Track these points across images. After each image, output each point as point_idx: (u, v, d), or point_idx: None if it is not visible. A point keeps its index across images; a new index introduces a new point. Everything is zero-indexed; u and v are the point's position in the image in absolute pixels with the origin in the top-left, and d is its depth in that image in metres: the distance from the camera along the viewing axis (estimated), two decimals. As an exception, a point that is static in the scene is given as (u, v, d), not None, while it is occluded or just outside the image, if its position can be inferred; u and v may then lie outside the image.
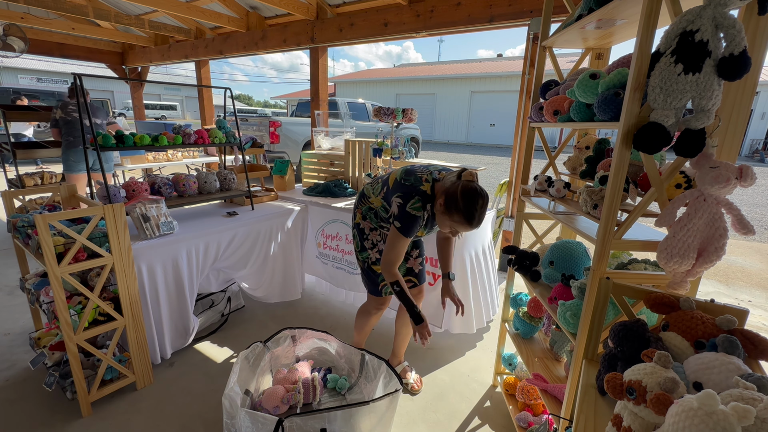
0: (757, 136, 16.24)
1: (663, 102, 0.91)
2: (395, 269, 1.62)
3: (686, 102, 0.90)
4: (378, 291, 1.87)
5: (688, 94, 0.88)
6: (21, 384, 1.96)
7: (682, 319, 0.89)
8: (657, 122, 0.91)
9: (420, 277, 1.97)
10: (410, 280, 1.94)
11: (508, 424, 1.83)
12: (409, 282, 1.94)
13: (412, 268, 1.94)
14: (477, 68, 20.49)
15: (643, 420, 0.71)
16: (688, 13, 0.86)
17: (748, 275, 3.85)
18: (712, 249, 0.99)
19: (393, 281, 1.62)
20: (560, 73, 1.72)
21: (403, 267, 1.92)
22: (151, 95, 29.78)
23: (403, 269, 1.92)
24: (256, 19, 5.16)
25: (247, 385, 1.73)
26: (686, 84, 0.87)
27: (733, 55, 0.82)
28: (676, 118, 0.92)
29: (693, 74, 0.86)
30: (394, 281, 1.62)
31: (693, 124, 0.90)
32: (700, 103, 0.88)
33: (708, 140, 0.96)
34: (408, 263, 1.93)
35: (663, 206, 1.05)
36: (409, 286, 1.93)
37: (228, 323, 2.61)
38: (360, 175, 3.20)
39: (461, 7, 3.47)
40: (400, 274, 1.68)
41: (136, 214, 2.02)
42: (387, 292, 1.88)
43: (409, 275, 1.94)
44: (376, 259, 1.84)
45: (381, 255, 1.80)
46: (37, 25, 5.68)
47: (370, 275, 1.87)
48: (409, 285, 1.93)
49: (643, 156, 1.03)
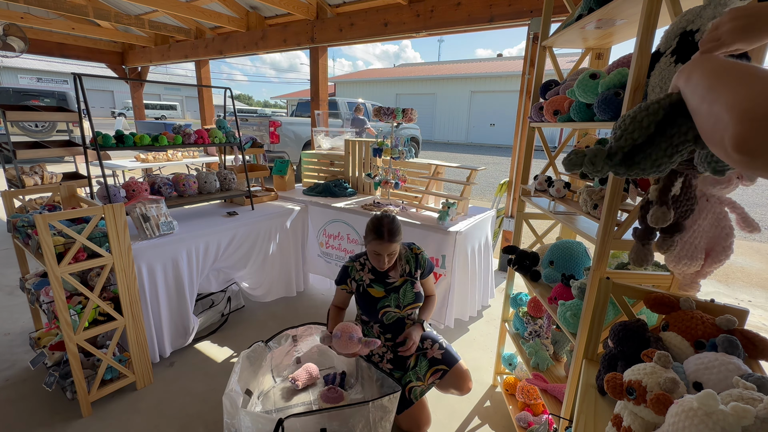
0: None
1: None
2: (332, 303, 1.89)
3: None
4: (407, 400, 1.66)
5: None
6: (21, 384, 1.96)
7: (682, 319, 0.89)
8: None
9: (448, 361, 1.74)
10: (439, 369, 1.73)
11: (508, 424, 1.83)
12: (440, 371, 1.72)
13: (435, 357, 1.75)
14: (477, 68, 20.48)
15: (643, 420, 0.71)
16: (688, 13, 0.86)
17: (748, 275, 3.85)
18: (719, 248, 0.99)
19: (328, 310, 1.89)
20: (560, 73, 1.72)
21: (425, 363, 1.75)
22: (151, 95, 29.79)
23: (425, 365, 1.74)
24: (256, 19, 5.16)
25: (248, 384, 1.73)
26: None
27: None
28: None
29: None
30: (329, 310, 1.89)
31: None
32: None
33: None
34: (428, 356, 1.76)
35: (663, 206, 1.05)
36: (440, 375, 1.72)
37: (228, 323, 2.61)
38: (360, 175, 3.20)
39: (461, 7, 3.47)
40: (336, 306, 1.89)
41: (136, 214, 2.02)
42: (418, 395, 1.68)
43: (434, 365, 1.74)
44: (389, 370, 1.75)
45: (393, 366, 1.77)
46: (37, 25, 5.69)
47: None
48: (440, 374, 1.72)
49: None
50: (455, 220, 2.48)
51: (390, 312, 1.77)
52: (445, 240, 2.32)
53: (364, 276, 1.79)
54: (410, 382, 1.70)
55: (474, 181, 2.63)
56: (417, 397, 1.67)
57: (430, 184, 2.90)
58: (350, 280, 1.81)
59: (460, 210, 2.62)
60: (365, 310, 1.80)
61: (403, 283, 1.79)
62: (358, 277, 1.79)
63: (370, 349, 1.61)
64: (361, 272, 1.80)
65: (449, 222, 2.41)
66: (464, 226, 2.41)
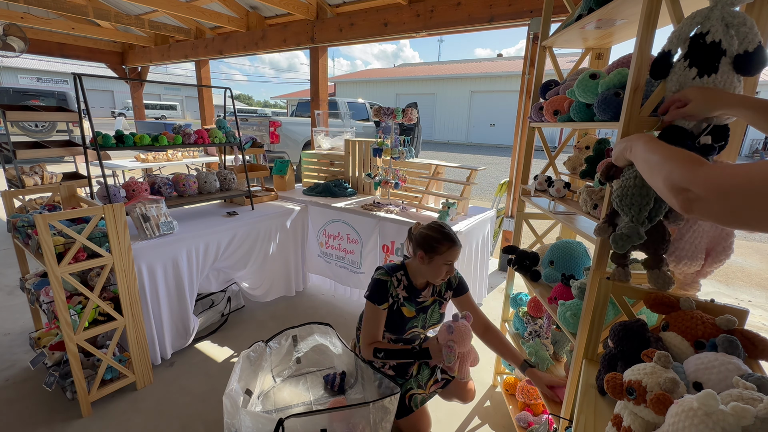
0: (757, 135, 16.23)
1: None
2: (370, 341, 1.59)
3: None
4: (406, 407, 1.60)
5: None
6: (21, 384, 1.96)
7: (682, 319, 0.89)
8: (677, 125, 0.92)
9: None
10: (443, 378, 1.70)
11: (508, 424, 1.83)
12: (443, 380, 1.70)
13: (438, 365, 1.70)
14: (477, 68, 20.49)
15: (643, 420, 0.71)
16: (697, 15, 0.86)
17: (748, 275, 3.85)
18: (720, 248, 1.00)
19: (373, 354, 1.56)
20: (560, 73, 1.72)
21: (427, 371, 1.70)
22: (151, 95, 29.79)
23: (427, 373, 1.70)
24: (256, 19, 5.15)
25: (248, 384, 1.73)
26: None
27: (748, 51, 0.82)
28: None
29: (709, 76, 0.85)
30: (375, 352, 1.56)
31: (718, 120, 0.90)
32: None
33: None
34: (430, 364, 1.73)
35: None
36: (441, 384, 1.69)
37: (228, 323, 2.61)
38: (360, 175, 3.20)
39: (461, 7, 3.47)
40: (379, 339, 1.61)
41: (136, 214, 2.02)
42: (418, 403, 1.61)
43: (437, 373, 1.71)
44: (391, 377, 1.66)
45: (395, 373, 1.68)
46: (37, 25, 5.68)
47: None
48: (443, 383, 1.70)
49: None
50: (455, 220, 2.48)
51: (416, 332, 1.68)
52: (445, 240, 2.32)
53: (399, 293, 1.62)
54: (411, 389, 1.63)
55: (474, 181, 2.63)
56: (417, 405, 1.61)
57: (430, 184, 2.90)
58: (389, 296, 1.60)
59: (460, 210, 2.62)
60: (391, 327, 1.65)
61: (432, 303, 1.69)
62: (395, 294, 1.61)
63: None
64: (397, 288, 1.62)
65: (449, 222, 2.42)
66: (464, 226, 2.41)
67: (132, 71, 7.90)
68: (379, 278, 1.61)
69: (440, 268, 1.55)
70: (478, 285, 2.80)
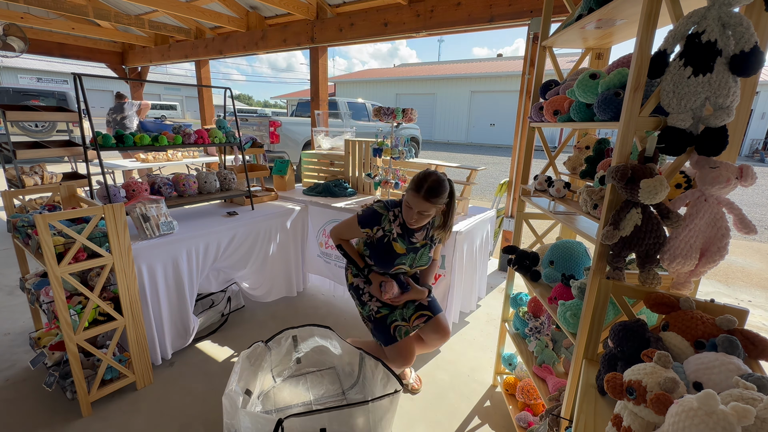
0: (757, 136, 16.24)
1: (677, 105, 0.91)
2: (339, 238, 1.85)
3: (701, 103, 0.90)
4: (392, 336, 1.77)
5: (702, 94, 0.88)
6: (21, 384, 1.96)
7: (682, 319, 0.89)
8: (674, 126, 0.92)
9: (433, 309, 1.88)
10: (424, 314, 1.85)
11: (508, 424, 1.83)
12: (423, 316, 1.85)
13: (422, 303, 1.87)
14: (477, 68, 20.48)
15: (643, 420, 0.71)
16: (694, 15, 0.86)
17: (748, 275, 3.85)
18: (714, 249, 0.99)
19: (338, 244, 1.84)
20: (560, 73, 1.72)
21: (412, 307, 1.86)
22: (151, 95, 29.75)
23: (412, 309, 1.86)
24: (256, 19, 5.15)
25: (248, 385, 1.73)
26: (698, 86, 0.87)
27: (744, 52, 0.82)
28: (695, 119, 0.92)
29: (704, 75, 0.85)
30: (339, 247, 1.84)
31: (713, 122, 0.90)
32: (716, 101, 0.88)
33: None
34: (415, 301, 1.88)
35: (663, 206, 1.05)
36: (424, 320, 1.84)
37: (228, 323, 2.61)
38: (360, 175, 3.20)
39: (461, 7, 3.47)
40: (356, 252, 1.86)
41: (136, 214, 2.02)
42: (402, 334, 1.78)
43: (420, 310, 1.86)
44: (377, 308, 1.82)
45: (381, 304, 1.82)
46: (37, 25, 5.68)
47: (378, 325, 1.82)
48: (424, 319, 1.84)
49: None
50: (455, 221, 2.48)
51: (403, 269, 1.79)
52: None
53: (393, 228, 1.72)
54: (395, 321, 1.80)
55: (474, 181, 2.63)
56: (401, 336, 1.77)
57: (430, 184, 2.90)
58: (378, 228, 1.71)
59: (460, 210, 2.62)
60: (378, 259, 1.75)
61: (423, 246, 1.79)
62: (387, 228, 1.71)
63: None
64: (392, 223, 1.72)
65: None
66: (464, 226, 2.41)
67: (132, 71, 7.90)
68: (376, 210, 1.73)
69: (407, 211, 1.65)
70: (478, 285, 2.80)
